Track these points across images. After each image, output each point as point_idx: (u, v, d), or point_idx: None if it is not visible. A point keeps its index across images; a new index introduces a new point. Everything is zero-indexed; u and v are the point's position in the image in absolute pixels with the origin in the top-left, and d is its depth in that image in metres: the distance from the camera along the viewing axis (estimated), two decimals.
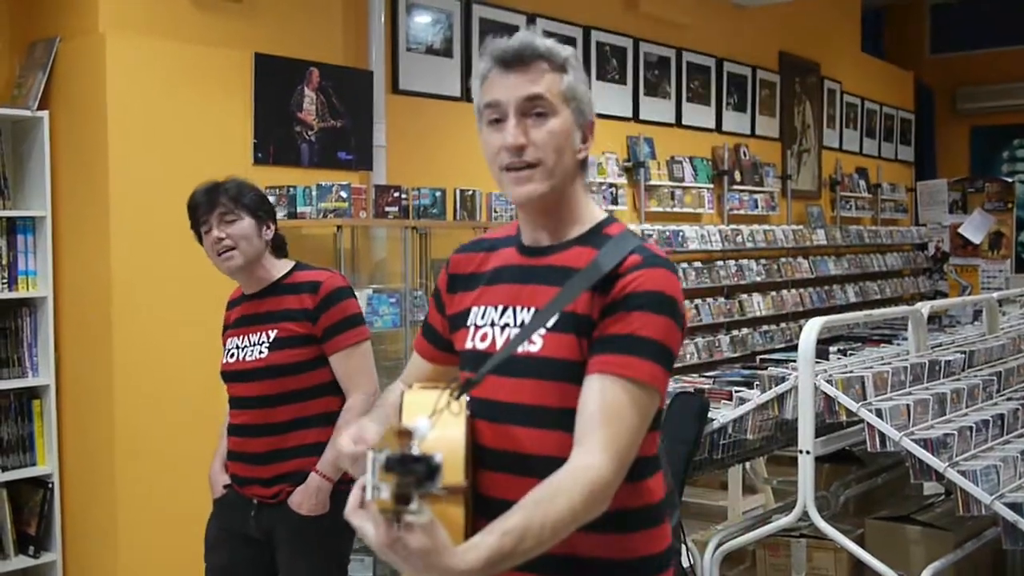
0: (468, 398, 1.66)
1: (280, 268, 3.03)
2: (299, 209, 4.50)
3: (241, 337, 2.99)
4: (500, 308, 1.79)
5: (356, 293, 4.22)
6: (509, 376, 1.71)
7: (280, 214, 4.52)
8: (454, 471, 1.52)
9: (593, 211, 1.81)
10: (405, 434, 1.32)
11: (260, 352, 2.93)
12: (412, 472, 1.28)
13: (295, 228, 4.62)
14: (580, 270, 1.71)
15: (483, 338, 1.80)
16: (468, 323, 1.83)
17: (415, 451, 1.29)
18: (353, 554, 4.46)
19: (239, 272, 2.97)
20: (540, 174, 1.71)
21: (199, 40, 4.38)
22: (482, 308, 1.82)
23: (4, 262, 4.11)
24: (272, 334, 2.93)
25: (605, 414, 1.60)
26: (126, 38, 4.12)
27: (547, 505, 1.51)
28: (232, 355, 3.00)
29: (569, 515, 1.52)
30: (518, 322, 1.75)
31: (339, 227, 4.53)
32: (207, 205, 2.92)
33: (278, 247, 3.06)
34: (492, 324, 1.79)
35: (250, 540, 2.99)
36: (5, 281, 4.10)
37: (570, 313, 1.68)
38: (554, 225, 1.78)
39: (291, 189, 4.52)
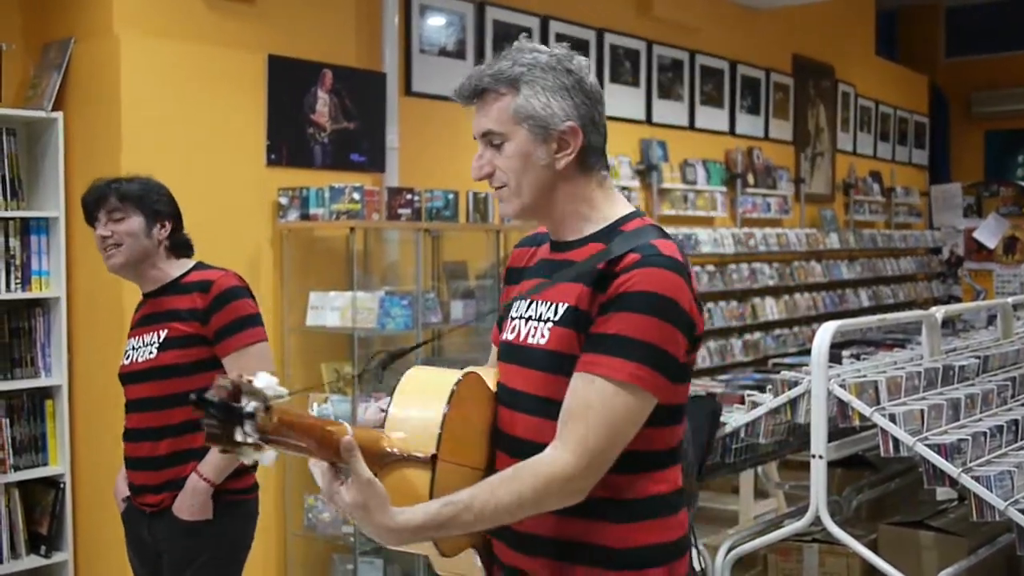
0: (460, 379, 1.74)
1: (178, 268, 2.95)
2: (312, 211, 4.50)
3: (137, 338, 2.92)
4: (528, 301, 1.85)
5: (367, 294, 4.18)
6: (522, 366, 1.80)
7: (293, 215, 4.53)
8: (426, 442, 1.65)
9: (614, 207, 1.83)
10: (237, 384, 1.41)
11: (150, 353, 2.84)
12: (213, 416, 1.37)
13: (307, 229, 4.63)
14: None
15: (513, 330, 1.86)
16: (509, 315, 1.90)
17: (244, 402, 1.38)
18: (362, 555, 4.48)
19: (124, 270, 2.91)
20: (508, 195, 1.81)
21: (213, 42, 4.39)
22: (518, 301, 1.89)
23: (18, 262, 4.12)
24: (163, 334, 2.84)
25: (576, 412, 1.66)
26: (140, 39, 4.13)
27: (498, 487, 1.63)
28: (128, 356, 2.92)
29: (515, 501, 1.63)
30: (537, 315, 1.81)
31: (352, 229, 4.53)
32: (95, 202, 2.89)
33: (179, 247, 2.97)
34: (520, 316, 1.86)
35: (155, 552, 2.89)
36: (19, 281, 4.12)
37: (573, 308, 1.73)
38: (569, 224, 1.83)
39: (304, 191, 4.52)
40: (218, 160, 4.39)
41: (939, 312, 3.72)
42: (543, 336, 1.77)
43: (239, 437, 1.38)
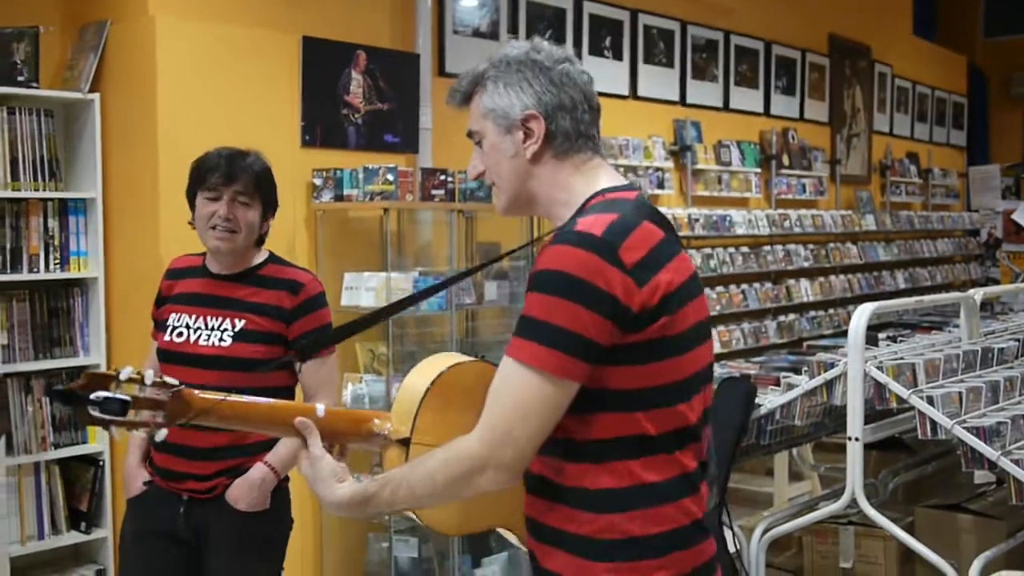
0: (452, 364, 1.84)
1: (256, 256, 2.89)
2: (346, 192, 4.52)
3: (195, 317, 2.80)
4: None
5: (401, 275, 4.18)
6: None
7: (327, 196, 4.55)
8: (402, 422, 1.81)
9: (590, 187, 1.78)
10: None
11: (222, 340, 2.75)
12: (66, 405, 1.72)
13: (342, 210, 4.65)
14: None
15: None
16: None
17: (103, 393, 1.70)
18: (397, 534, 4.51)
19: (227, 254, 2.81)
20: (497, 190, 1.85)
21: (248, 23, 4.40)
22: None
23: (56, 243, 4.16)
24: (239, 324, 2.76)
25: (490, 393, 1.67)
26: (176, 21, 4.15)
27: (417, 466, 1.70)
28: (180, 334, 2.80)
29: (427, 478, 1.68)
30: None
31: (385, 210, 4.54)
32: (226, 176, 2.78)
33: (262, 236, 2.91)
34: None
35: (176, 540, 2.78)
36: (57, 262, 4.16)
37: None
38: (553, 212, 1.82)
39: (338, 172, 4.53)
40: (253, 141, 4.36)
41: (978, 294, 3.68)
42: None
43: (98, 413, 1.68)
